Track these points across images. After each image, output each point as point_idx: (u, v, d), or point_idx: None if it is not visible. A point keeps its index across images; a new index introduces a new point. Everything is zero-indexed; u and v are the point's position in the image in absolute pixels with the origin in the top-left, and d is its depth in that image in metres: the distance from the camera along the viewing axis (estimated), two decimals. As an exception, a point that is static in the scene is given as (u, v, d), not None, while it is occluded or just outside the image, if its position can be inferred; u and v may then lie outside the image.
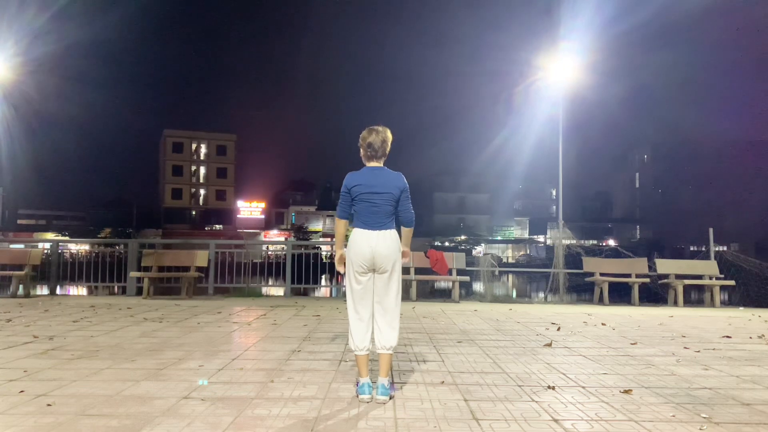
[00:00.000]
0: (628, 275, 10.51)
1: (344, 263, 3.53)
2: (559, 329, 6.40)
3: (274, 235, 63.31)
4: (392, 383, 3.51)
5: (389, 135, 3.52)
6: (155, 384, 3.59)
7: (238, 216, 69.64)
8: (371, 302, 3.45)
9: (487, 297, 11.10)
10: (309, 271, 11.18)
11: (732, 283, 10.61)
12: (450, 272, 10.06)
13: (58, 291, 10.97)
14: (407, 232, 3.62)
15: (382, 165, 3.51)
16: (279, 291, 11.99)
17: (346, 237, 3.58)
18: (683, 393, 3.53)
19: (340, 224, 3.58)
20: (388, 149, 3.51)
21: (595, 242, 45.09)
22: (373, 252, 3.37)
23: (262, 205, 72.11)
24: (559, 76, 14.70)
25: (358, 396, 3.32)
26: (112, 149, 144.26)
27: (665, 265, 10.75)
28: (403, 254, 3.58)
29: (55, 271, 10.89)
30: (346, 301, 3.57)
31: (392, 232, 3.44)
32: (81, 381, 3.65)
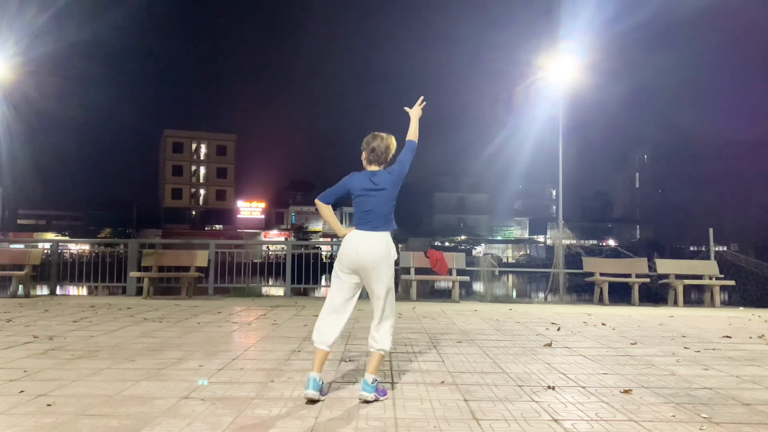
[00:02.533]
0: (628, 275, 10.51)
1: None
2: (559, 329, 6.40)
3: (274, 235, 63.30)
4: (381, 388, 3.38)
5: (393, 142, 3.51)
6: (155, 384, 3.59)
7: (238, 216, 69.64)
8: (346, 304, 3.42)
9: (487, 297, 11.10)
10: (309, 271, 11.19)
11: (732, 283, 10.61)
12: (450, 272, 10.05)
13: (58, 291, 10.97)
14: (413, 135, 3.66)
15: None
16: (279, 291, 11.99)
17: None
18: (683, 393, 3.53)
19: (325, 209, 3.52)
20: (391, 156, 3.50)
21: (595, 242, 45.15)
22: (358, 254, 3.32)
23: (262, 205, 72.11)
24: (559, 76, 14.70)
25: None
26: (112, 149, 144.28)
27: (665, 265, 10.75)
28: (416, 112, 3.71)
29: (55, 271, 10.89)
30: None
31: (383, 235, 3.38)
32: (81, 381, 3.65)
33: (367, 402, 3.22)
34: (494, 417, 2.98)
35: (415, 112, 3.73)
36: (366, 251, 3.32)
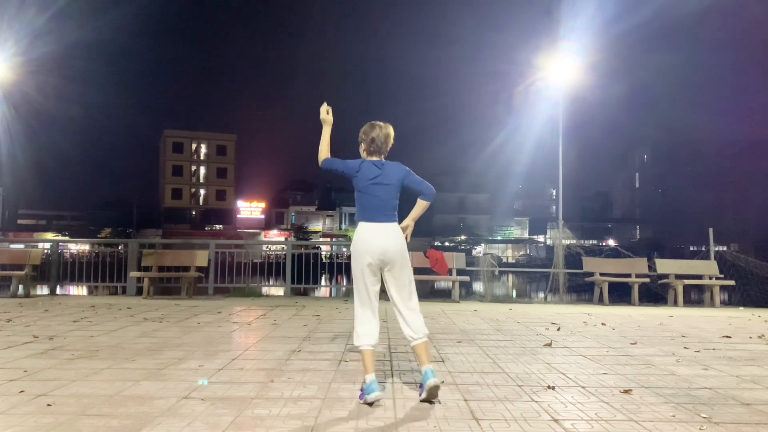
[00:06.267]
0: (628, 275, 10.51)
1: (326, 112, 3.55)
2: (559, 329, 6.40)
3: (274, 235, 63.30)
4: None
5: (392, 131, 3.46)
6: (155, 384, 3.59)
7: (238, 216, 69.66)
8: (376, 302, 3.39)
9: (487, 297, 11.10)
10: (309, 271, 11.19)
11: (732, 283, 10.61)
12: (450, 272, 10.05)
13: (58, 291, 10.97)
14: (423, 205, 3.47)
15: (382, 159, 3.44)
16: (279, 291, 11.99)
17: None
18: (683, 393, 3.53)
19: (327, 147, 3.48)
20: (390, 145, 3.45)
21: (595, 242, 45.17)
22: (385, 246, 3.29)
23: (262, 205, 72.13)
24: (559, 76, 14.70)
25: (364, 396, 3.16)
26: (112, 149, 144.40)
27: (665, 265, 10.75)
28: (405, 228, 3.48)
29: (55, 271, 10.89)
30: (348, 300, 3.56)
31: (397, 225, 3.40)
32: (81, 381, 3.65)
33: (437, 389, 3.18)
34: (494, 417, 2.98)
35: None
36: (392, 242, 3.31)
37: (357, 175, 3.38)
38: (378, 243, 3.31)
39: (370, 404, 3.14)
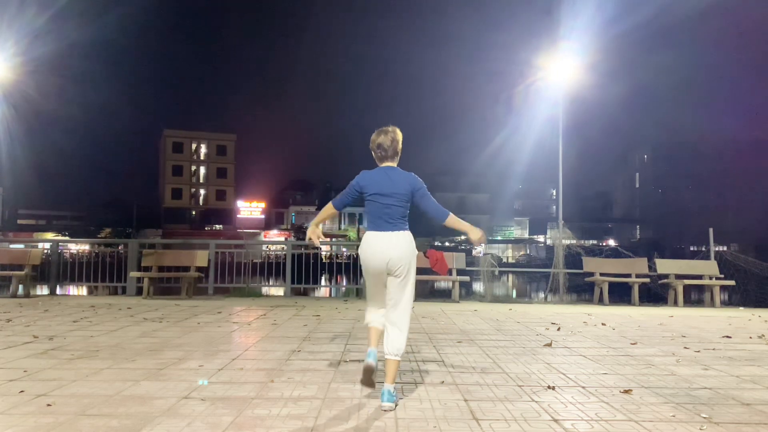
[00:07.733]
0: (628, 275, 10.51)
1: (314, 236, 3.57)
2: (559, 329, 6.40)
3: (274, 235, 63.32)
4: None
5: (399, 134, 3.44)
6: (155, 384, 3.59)
7: (238, 216, 69.66)
8: (385, 292, 3.34)
9: (487, 297, 11.10)
10: (309, 271, 11.20)
11: (732, 283, 10.61)
12: (450, 272, 10.05)
13: (58, 291, 10.97)
14: (452, 220, 3.43)
15: (395, 165, 3.42)
16: (279, 291, 11.99)
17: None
18: (683, 393, 3.53)
19: (329, 208, 3.52)
20: (400, 148, 3.43)
21: (595, 242, 45.20)
22: (385, 255, 3.25)
23: (262, 205, 72.13)
24: (559, 76, 14.67)
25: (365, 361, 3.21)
26: (112, 149, 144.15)
27: (665, 265, 10.75)
28: (474, 236, 3.43)
29: (55, 271, 10.89)
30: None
31: (405, 234, 3.32)
32: (81, 381, 3.65)
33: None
34: (494, 417, 2.98)
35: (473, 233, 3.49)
36: (394, 251, 3.24)
37: (363, 187, 3.34)
38: (380, 252, 3.26)
39: (369, 369, 3.13)
